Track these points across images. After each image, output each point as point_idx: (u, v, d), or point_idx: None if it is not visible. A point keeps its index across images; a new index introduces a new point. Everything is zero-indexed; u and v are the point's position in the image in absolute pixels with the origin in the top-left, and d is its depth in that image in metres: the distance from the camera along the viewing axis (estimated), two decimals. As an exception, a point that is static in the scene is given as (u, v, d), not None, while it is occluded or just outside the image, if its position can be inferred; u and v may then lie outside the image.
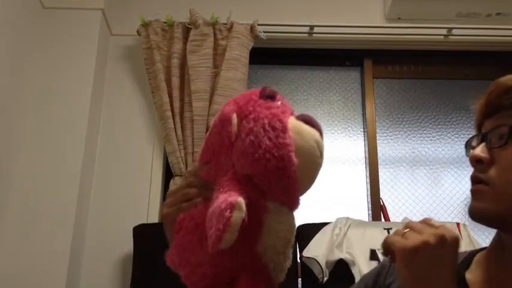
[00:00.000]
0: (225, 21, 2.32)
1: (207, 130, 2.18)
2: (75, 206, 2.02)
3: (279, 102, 0.70)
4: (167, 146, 2.20)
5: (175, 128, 2.19)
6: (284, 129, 0.65)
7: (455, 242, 0.66)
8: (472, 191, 0.75)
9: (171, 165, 2.19)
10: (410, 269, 0.65)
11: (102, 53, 2.33)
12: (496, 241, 0.79)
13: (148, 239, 1.99)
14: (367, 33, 2.43)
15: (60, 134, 2.11)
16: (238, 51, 2.27)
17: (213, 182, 0.70)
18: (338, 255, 1.86)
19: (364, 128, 2.47)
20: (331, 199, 2.29)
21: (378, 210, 2.27)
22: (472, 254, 0.82)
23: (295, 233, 0.71)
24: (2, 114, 1.97)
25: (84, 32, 2.25)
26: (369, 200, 2.33)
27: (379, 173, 2.36)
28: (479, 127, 0.79)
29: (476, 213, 0.74)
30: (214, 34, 2.30)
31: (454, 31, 2.41)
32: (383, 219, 2.25)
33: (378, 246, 1.87)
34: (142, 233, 2.01)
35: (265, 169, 0.64)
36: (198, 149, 2.17)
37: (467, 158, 0.77)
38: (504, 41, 2.43)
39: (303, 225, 1.96)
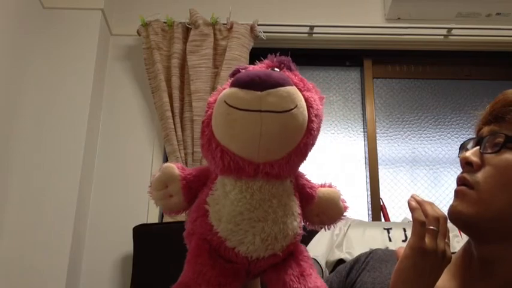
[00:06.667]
0: (225, 22, 2.32)
1: (207, 130, 2.18)
2: (75, 206, 2.02)
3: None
4: (167, 146, 2.19)
5: (175, 128, 2.19)
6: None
7: (449, 260, 0.69)
8: (456, 191, 0.76)
9: (171, 165, 2.18)
10: (411, 264, 0.68)
11: (102, 53, 2.33)
12: (464, 249, 0.81)
13: (148, 239, 1.99)
14: (367, 33, 2.43)
15: (60, 133, 2.11)
16: (238, 51, 2.27)
17: None
18: (338, 255, 1.86)
19: (364, 128, 2.47)
20: (331, 199, 2.29)
21: (378, 210, 2.27)
22: None
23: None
24: (2, 114, 1.97)
25: (84, 32, 2.25)
26: (369, 200, 2.33)
27: (379, 173, 2.36)
28: (477, 132, 0.80)
29: (454, 214, 0.75)
30: (214, 34, 2.30)
31: (454, 31, 2.41)
32: (383, 219, 2.25)
33: (377, 246, 1.87)
34: (143, 233, 2.01)
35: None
36: (198, 149, 2.17)
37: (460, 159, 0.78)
38: (504, 41, 2.43)
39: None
